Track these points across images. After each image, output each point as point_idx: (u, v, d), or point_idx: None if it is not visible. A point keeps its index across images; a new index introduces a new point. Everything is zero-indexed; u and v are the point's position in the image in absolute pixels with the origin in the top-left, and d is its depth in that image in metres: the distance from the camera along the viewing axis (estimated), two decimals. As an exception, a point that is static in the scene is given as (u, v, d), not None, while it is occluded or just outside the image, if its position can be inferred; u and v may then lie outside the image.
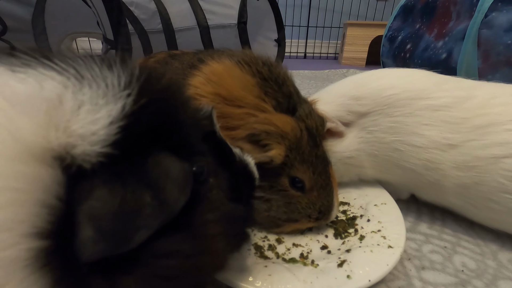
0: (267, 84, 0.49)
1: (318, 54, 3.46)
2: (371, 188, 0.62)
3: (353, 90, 0.59)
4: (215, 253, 0.29)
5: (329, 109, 0.59)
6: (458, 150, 0.51)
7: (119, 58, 0.28)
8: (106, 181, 0.22)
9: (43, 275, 0.20)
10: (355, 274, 0.41)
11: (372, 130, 0.57)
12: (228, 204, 0.32)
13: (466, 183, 0.52)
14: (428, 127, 0.53)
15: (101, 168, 0.22)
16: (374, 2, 3.34)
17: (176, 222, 0.25)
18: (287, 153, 0.47)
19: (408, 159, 0.55)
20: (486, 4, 0.96)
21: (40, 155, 0.20)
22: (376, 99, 0.56)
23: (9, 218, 0.18)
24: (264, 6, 2.04)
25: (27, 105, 0.21)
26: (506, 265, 0.51)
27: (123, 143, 0.23)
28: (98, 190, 0.21)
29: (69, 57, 0.25)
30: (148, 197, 0.23)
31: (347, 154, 0.59)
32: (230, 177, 0.34)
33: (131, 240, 0.21)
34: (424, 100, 0.54)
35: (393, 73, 0.61)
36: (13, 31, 1.53)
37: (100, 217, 0.20)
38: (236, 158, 0.37)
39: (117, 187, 0.22)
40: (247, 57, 0.52)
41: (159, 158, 0.25)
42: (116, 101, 0.23)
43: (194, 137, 0.30)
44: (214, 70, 0.50)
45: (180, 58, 0.65)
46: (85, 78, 0.24)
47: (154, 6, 1.60)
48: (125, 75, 0.25)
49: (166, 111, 0.27)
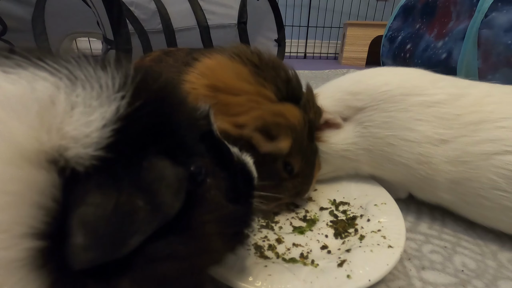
0: (261, 71, 0.52)
1: (318, 54, 3.46)
2: (371, 188, 0.62)
3: (351, 85, 0.61)
4: (212, 254, 0.29)
5: (328, 104, 0.60)
6: (450, 145, 0.52)
7: (114, 58, 0.27)
8: (100, 185, 0.21)
9: (40, 276, 0.20)
10: (355, 274, 0.41)
11: (367, 125, 0.58)
12: (226, 204, 0.32)
13: (458, 178, 0.52)
14: (421, 122, 0.54)
15: (95, 171, 0.21)
16: (374, 2, 3.34)
17: (172, 224, 0.25)
18: (292, 143, 0.50)
19: (401, 154, 0.56)
20: (486, 4, 0.96)
21: (34, 158, 0.20)
22: (372, 94, 0.57)
23: (5, 220, 0.18)
24: (264, 6, 2.04)
25: (18, 106, 0.20)
26: (506, 265, 0.51)
27: (117, 145, 0.22)
28: (91, 194, 0.21)
29: (62, 58, 0.25)
30: (141, 202, 0.22)
31: (343, 147, 0.60)
32: (228, 177, 0.34)
33: (124, 246, 0.21)
34: (418, 96, 0.55)
35: (390, 70, 0.62)
36: (13, 31, 1.53)
37: (93, 222, 0.20)
38: (234, 158, 0.36)
39: (110, 191, 0.21)
40: (236, 50, 0.55)
41: (153, 162, 0.24)
42: (110, 103, 0.23)
43: (191, 138, 0.30)
44: (207, 65, 0.53)
45: (174, 56, 0.67)
46: (78, 79, 0.24)
47: (154, 6, 1.60)
48: (119, 76, 0.25)
49: (162, 113, 0.26)
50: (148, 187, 0.23)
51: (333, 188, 0.64)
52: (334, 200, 0.61)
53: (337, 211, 0.58)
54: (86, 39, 2.22)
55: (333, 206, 0.60)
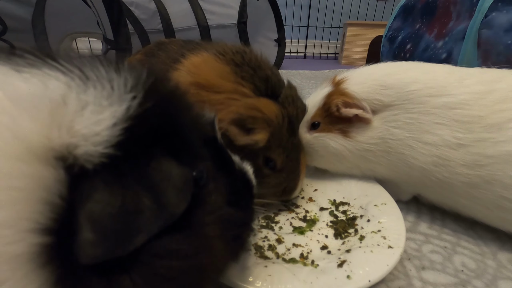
0: (241, 70, 0.53)
1: (318, 54, 3.46)
2: (371, 188, 0.62)
3: (384, 76, 0.58)
4: (213, 254, 0.30)
5: (359, 90, 0.58)
6: (468, 149, 0.51)
7: (127, 62, 0.28)
8: (108, 183, 0.22)
9: (45, 272, 0.20)
10: (355, 274, 0.41)
11: (390, 126, 0.57)
12: (226, 208, 0.32)
13: (476, 182, 0.51)
14: (441, 126, 0.53)
15: (103, 169, 0.22)
16: (374, 2, 3.34)
17: (176, 223, 0.25)
18: (269, 137, 0.51)
19: (418, 156, 0.55)
20: (486, 4, 0.96)
21: (42, 155, 0.20)
22: (399, 92, 0.56)
23: (12, 215, 0.19)
24: (264, 6, 2.04)
25: (30, 104, 0.21)
26: (506, 265, 0.51)
27: (126, 144, 0.23)
28: (99, 191, 0.21)
29: (74, 58, 0.25)
30: (148, 201, 0.23)
31: (366, 147, 0.59)
32: (229, 183, 0.35)
33: (130, 243, 0.22)
34: (442, 97, 0.53)
35: (420, 67, 0.60)
36: (13, 31, 1.53)
37: (101, 219, 0.20)
38: (235, 166, 0.37)
39: (118, 189, 0.22)
40: (221, 48, 0.57)
41: (161, 162, 0.25)
42: (121, 103, 0.23)
43: (196, 141, 0.30)
44: (193, 63, 0.55)
45: (166, 50, 0.68)
46: (90, 79, 0.24)
47: (154, 6, 1.60)
48: (132, 78, 0.26)
49: (170, 115, 0.27)
50: (155, 186, 0.23)
51: (333, 188, 0.64)
52: (334, 200, 0.61)
53: (337, 211, 0.58)
54: (86, 39, 2.22)
55: (333, 206, 0.60)
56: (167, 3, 1.65)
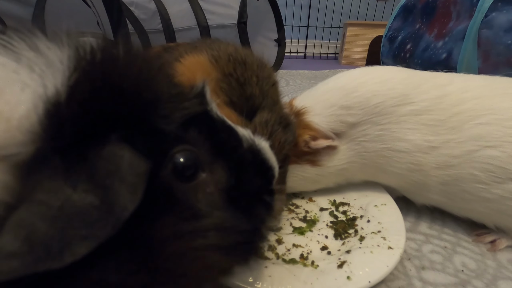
0: (224, 81, 0.50)
1: (318, 54, 3.45)
2: (371, 189, 0.62)
3: (342, 99, 0.58)
4: (195, 278, 0.24)
5: (321, 121, 0.58)
6: (439, 150, 0.53)
7: (66, 31, 0.24)
8: (49, 178, 0.18)
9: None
10: (355, 275, 0.41)
11: (361, 140, 0.57)
12: (226, 208, 0.26)
13: (447, 180, 0.53)
14: (412, 131, 0.54)
15: (45, 162, 0.18)
16: (374, 2, 3.34)
17: (126, 234, 0.20)
18: None
19: (393, 164, 0.56)
20: (486, 4, 0.96)
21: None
22: (364, 108, 0.56)
23: None
24: (264, 6, 2.04)
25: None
26: (506, 265, 0.51)
27: (69, 131, 0.19)
28: (37, 189, 0.18)
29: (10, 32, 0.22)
30: (96, 200, 0.19)
31: (340, 167, 0.59)
32: (233, 169, 0.28)
33: (70, 253, 0.17)
34: (406, 105, 0.55)
35: (372, 77, 0.59)
36: (13, 31, 1.52)
37: (31, 224, 0.17)
38: (243, 143, 0.30)
39: (59, 186, 0.18)
40: (217, 53, 0.55)
41: (109, 150, 0.20)
42: (56, 79, 0.20)
43: (171, 122, 0.24)
44: (188, 64, 0.54)
45: (172, 51, 0.67)
46: (23, 58, 0.20)
47: (154, 6, 1.60)
48: (71, 50, 0.22)
49: (128, 91, 0.23)
50: (102, 180, 0.19)
51: (333, 189, 0.64)
52: (334, 200, 0.61)
53: (337, 211, 0.58)
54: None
55: (333, 206, 0.60)
56: (167, 3, 1.65)
